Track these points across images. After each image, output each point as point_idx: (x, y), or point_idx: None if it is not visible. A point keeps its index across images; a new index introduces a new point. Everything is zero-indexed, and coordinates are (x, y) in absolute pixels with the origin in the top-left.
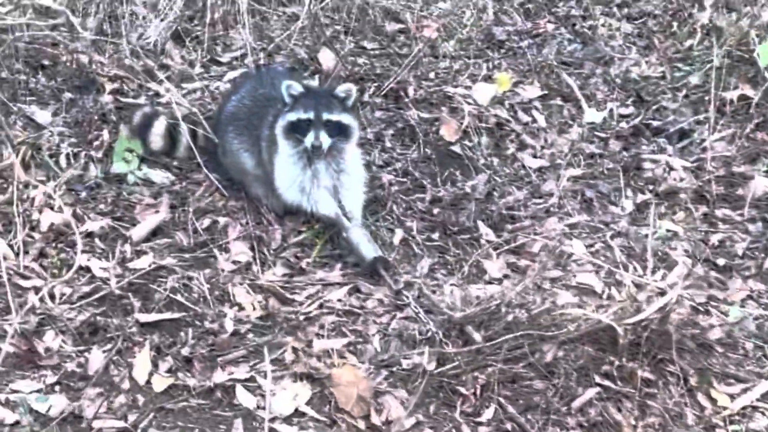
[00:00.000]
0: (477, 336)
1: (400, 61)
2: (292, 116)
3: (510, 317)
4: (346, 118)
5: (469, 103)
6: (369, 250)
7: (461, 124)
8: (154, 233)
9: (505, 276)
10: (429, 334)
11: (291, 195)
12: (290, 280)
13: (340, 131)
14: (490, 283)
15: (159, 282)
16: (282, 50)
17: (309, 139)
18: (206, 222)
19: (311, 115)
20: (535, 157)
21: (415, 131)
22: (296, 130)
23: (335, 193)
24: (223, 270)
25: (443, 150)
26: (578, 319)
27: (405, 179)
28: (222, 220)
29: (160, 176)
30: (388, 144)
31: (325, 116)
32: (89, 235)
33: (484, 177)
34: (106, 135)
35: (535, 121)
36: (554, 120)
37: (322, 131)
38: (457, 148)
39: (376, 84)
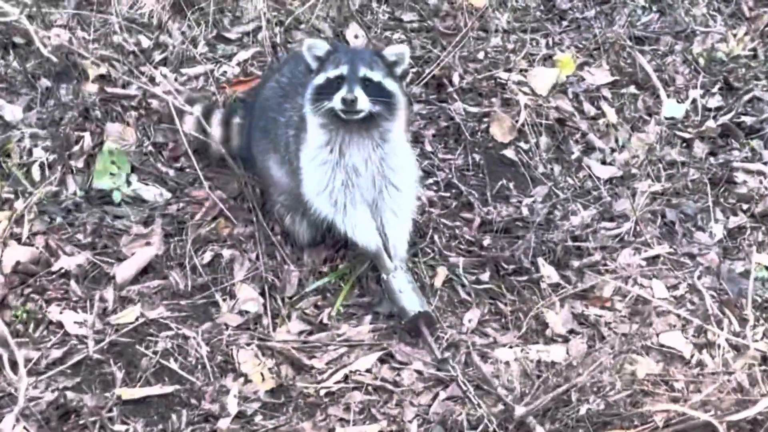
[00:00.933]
0: (541, 430)
1: (443, 40)
2: (320, 78)
3: (583, 409)
4: (391, 84)
5: (525, 93)
6: (413, 301)
7: (516, 120)
8: (145, 271)
9: (571, 332)
10: (480, 422)
11: (321, 205)
12: (308, 340)
13: (382, 98)
14: (553, 340)
15: (148, 342)
16: (302, 24)
17: (339, 95)
18: (207, 256)
19: (344, 70)
20: (604, 163)
21: (461, 130)
22: (324, 93)
23: (377, 210)
24: (226, 326)
25: (494, 155)
26: (667, 411)
27: (448, 194)
28: (227, 253)
29: (152, 192)
30: (428, 147)
31: (364, 72)
32: (64, 275)
33: (544, 190)
34: (88, 139)
35: (603, 114)
36: (626, 113)
37: (358, 87)
38: (510, 153)
39: (414, 70)
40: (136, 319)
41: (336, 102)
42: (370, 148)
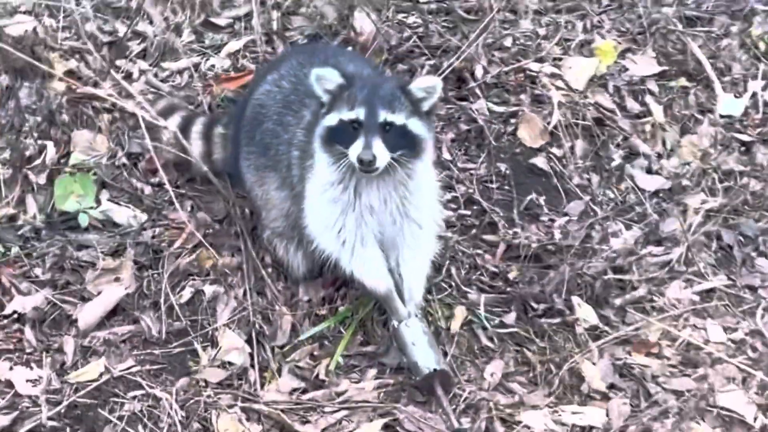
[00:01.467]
0: None
1: (464, 27)
2: (332, 119)
3: None
4: (417, 126)
5: (558, 88)
6: (428, 357)
7: (547, 121)
8: (113, 313)
9: (612, 387)
10: None
11: (326, 242)
12: (301, 400)
13: (405, 142)
14: (590, 397)
15: (112, 404)
16: (302, 8)
17: (355, 149)
18: (187, 293)
19: (361, 113)
20: (649, 172)
21: (484, 134)
22: (338, 138)
23: (392, 247)
24: (206, 383)
25: (522, 163)
26: None
27: (469, 212)
28: (209, 290)
29: (125, 215)
30: (446, 155)
31: (384, 116)
32: (18, 319)
33: (579, 206)
34: (52, 149)
35: (649, 112)
36: (676, 110)
37: (377, 138)
38: (541, 161)
39: (431, 62)
40: (100, 376)
41: (352, 157)
42: (391, 187)
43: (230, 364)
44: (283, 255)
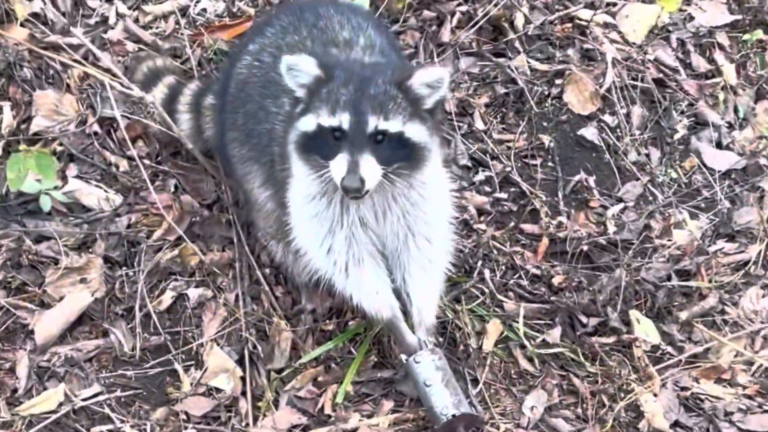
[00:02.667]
0: None
1: None
2: (308, 123)
3: None
4: (415, 131)
5: (613, 41)
6: (444, 400)
7: (600, 83)
8: (78, 323)
9: (676, 425)
10: None
11: (315, 260)
12: None
13: (403, 153)
14: None
15: None
16: None
17: (338, 170)
18: (167, 298)
19: (345, 120)
20: (719, 146)
21: (524, 98)
22: (316, 148)
23: (398, 263)
24: (187, 417)
25: (569, 133)
26: None
27: (505, 195)
28: (194, 293)
29: (95, 197)
30: (478, 124)
31: (374, 124)
32: None
33: (636, 189)
34: (8, 113)
35: (719, 72)
36: (750, 69)
37: (365, 153)
38: (591, 132)
39: (463, 8)
40: (59, 407)
41: (335, 176)
42: (389, 197)
43: (217, 390)
44: (281, 258)
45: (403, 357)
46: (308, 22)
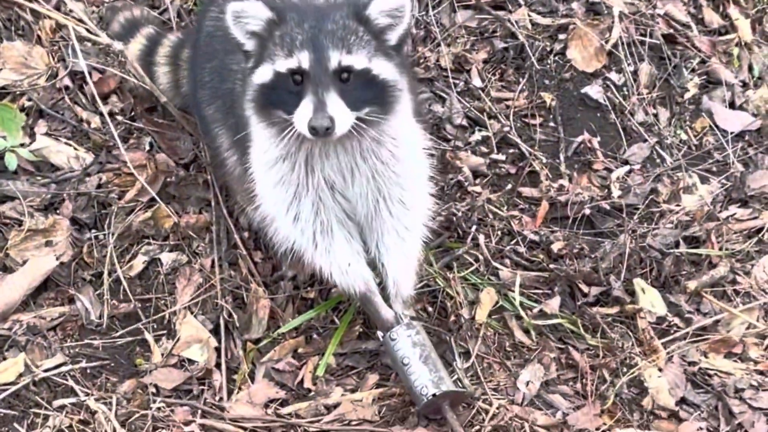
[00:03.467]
0: None
1: None
2: (263, 73)
3: None
4: (384, 67)
5: None
6: (424, 378)
7: (605, 38)
8: (43, 288)
9: (683, 403)
10: None
11: (282, 231)
12: (280, 414)
13: (372, 94)
14: (654, 415)
15: (32, 418)
16: None
17: (303, 115)
18: (139, 263)
19: (305, 59)
20: (732, 106)
21: (525, 53)
22: (275, 100)
23: (370, 231)
24: (156, 389)
25: (572, 92)
26: None
27: (503, 157)
28: (167, 258)
29: (65, 155)
30: (476, 81)
31: (337, 59)
32: None
33: (643, 151)
34: None
35: (733, 27)
36: (767, 26)
37: (331, 91)
38: (596, 90)
39: None
40: (19, 377)
41: (300, 125)
42: (357, 155)
43: (190, 362)
44: (260, 223)
45: (380, 334)
46: None
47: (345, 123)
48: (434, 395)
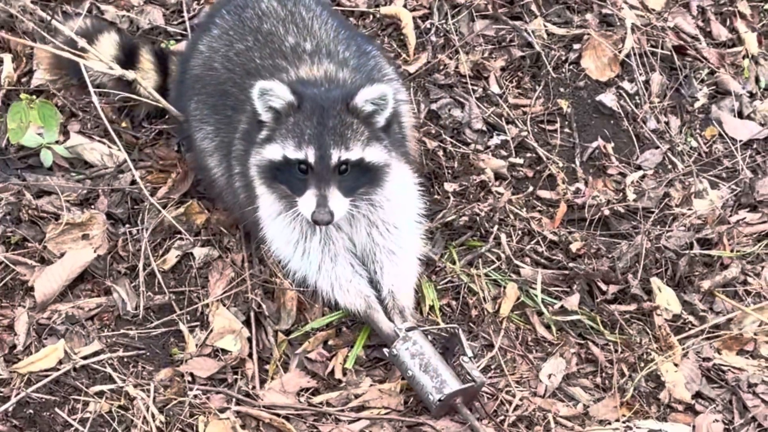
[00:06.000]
0: None
1: None
2: (274, 152)
3: None
4: (375, 154)
5: (632, 7)
6: (428, 387)
7: (618, 49)
8: (79, 280)
9: (699, 397)
10: None
11: (290, 261)
12: (312, 403)
13: (365, 178)
14: (670, 408)
15: (73, 403)
16: None
17: (307, 205)
18: (172, 257)
19: (311, 154)
20: (740, 116)
21: (541, 62)
22: (283, 178)
23: (367, 255)
24: (192, 378)
25: (587, 99)
26: None
27: (521, 161)
28: (200, 252)
29: (98, 153)
30: (494, 87)
31: (337, 156)
32: None
33: (656, 157)
34: (9, 64)
35: (740, 40)
36: None
37: (331, 186)
38: (609, 98)
39: None
40: (59, 364)
41: (304, 212)
42: (355, 211)
43: (223, 352)
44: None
45: (385, 350)
46: (252, 25)
47: (342, 211)
48: (440, 400)
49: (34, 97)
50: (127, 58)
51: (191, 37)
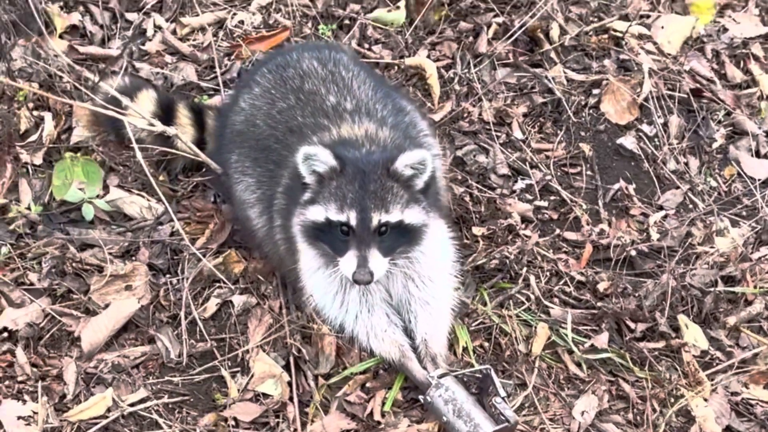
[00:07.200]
0: None
1: None
2: (317, 213)
3: None
4: (414, 216)
5: (648, 52)
6: (462, 429)
7: (637, 92)
8: (124, 329)
9: (729, 431)
10: None
11: (328, 310)
12: None
13: (404, 239)
14: None
15: None
16: None
17: (348, 265)
18: (212, 305)
19: (353, 217)
20: (758, 155)
21: (562, 107)
22: (325, 239)
23: (402, 305)
24: (236, 422)
25: (607, 142)
26: None
27: (545, 204)
28: (239, 300)
29: (138, 206)
30: (517, 133)
31: (377, 219)
32: (9, 337)
33: (677, 197)
34: (50, 122)
35: (754, 82)
36: None
37: (372, 248)
38: (630, 141)
39: (499, 20)
40: (108, 412)
41: (346, 272)
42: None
43: (265, 396)
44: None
45: (420, 397)
46: (294, 85)
47: (382, 271)
48: None
49: (78, 154)
50: (165, 113)
51: (232, 93)
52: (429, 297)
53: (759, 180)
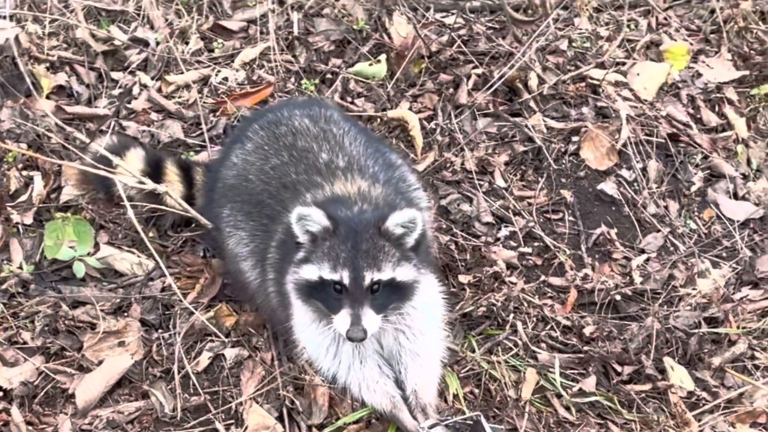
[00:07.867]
0: None
1: (516, 29)
2: (310, 272)
3: None
4: (405, 273)
5: (625, 98)
6: None
7: (615, 138)
8: (118, 385)
9: None
10: None
11: (321, 362)
12: None
13: (396, 296)
14: None
15: None
16: (326, 8)
17: (342, 323)
18: (204, 359)
19: (346, 276)
20: (735, 197)
21: (542, 155)
22: (319, 296)
23: (394, 359)
24: None
25: (588, 188)
26: None
27: (529, 250)
28: (231, 353)
29: (128, 262)
30: (499, 181)
31: (370, 278)
32: (3, 396)
33: (657, 240)
34: (39, 182)
35: (729, 126)
36: (760, 123)
37: (365, 306)
38: (610, 186)
39: (478, 71)
40: None
41: (340, 329)
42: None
43: None
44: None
45: None
46: (287, 142)
47: (375, 328)
48: None
49: (68, 214)
50: (154, 170)
51: (222, 148)
52: (419, 349)
53: (738, 221)
